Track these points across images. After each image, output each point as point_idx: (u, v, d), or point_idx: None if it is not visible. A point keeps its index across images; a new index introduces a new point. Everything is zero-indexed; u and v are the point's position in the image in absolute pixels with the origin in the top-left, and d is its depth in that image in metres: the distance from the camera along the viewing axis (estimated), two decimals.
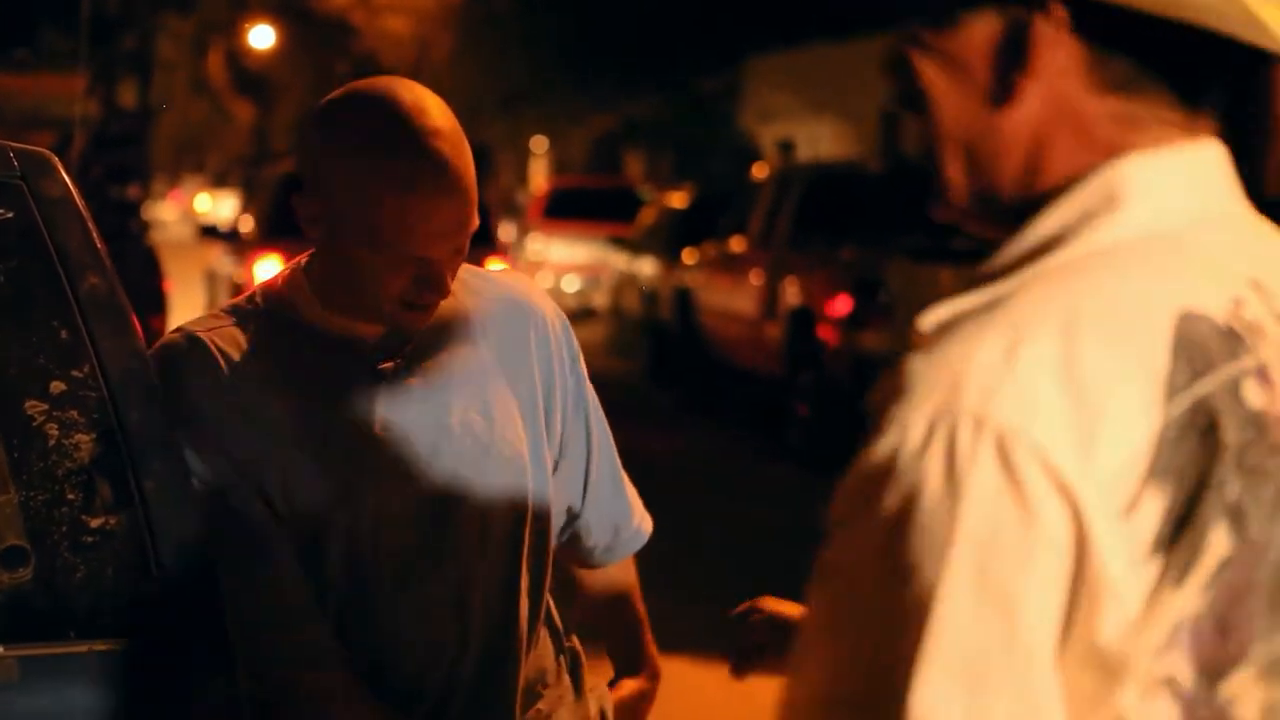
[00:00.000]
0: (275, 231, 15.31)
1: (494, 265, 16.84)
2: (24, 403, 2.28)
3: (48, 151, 2.49)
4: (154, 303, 10.77)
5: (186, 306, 14.03)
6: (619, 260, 21.52)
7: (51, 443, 2.27)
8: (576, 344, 2.56)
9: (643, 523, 2.70)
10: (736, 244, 15.73)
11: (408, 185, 2.23)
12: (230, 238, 18.26)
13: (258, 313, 2.43)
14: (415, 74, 34.21)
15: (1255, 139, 1.42)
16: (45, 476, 2.25)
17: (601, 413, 2.61)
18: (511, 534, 2.43)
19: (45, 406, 2.28)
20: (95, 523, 2.25)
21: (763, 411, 14.43)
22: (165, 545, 2.25)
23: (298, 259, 2.47)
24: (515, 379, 2.46)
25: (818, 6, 24.85)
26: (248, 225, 17.63)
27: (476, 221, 2.28)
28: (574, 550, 2.67)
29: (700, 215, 19.23)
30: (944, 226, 1.36)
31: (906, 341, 1.38)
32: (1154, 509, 1.25)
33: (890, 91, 1.42)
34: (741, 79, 29.23)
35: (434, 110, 2.26)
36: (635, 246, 20.98)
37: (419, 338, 2.40)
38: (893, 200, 14.39)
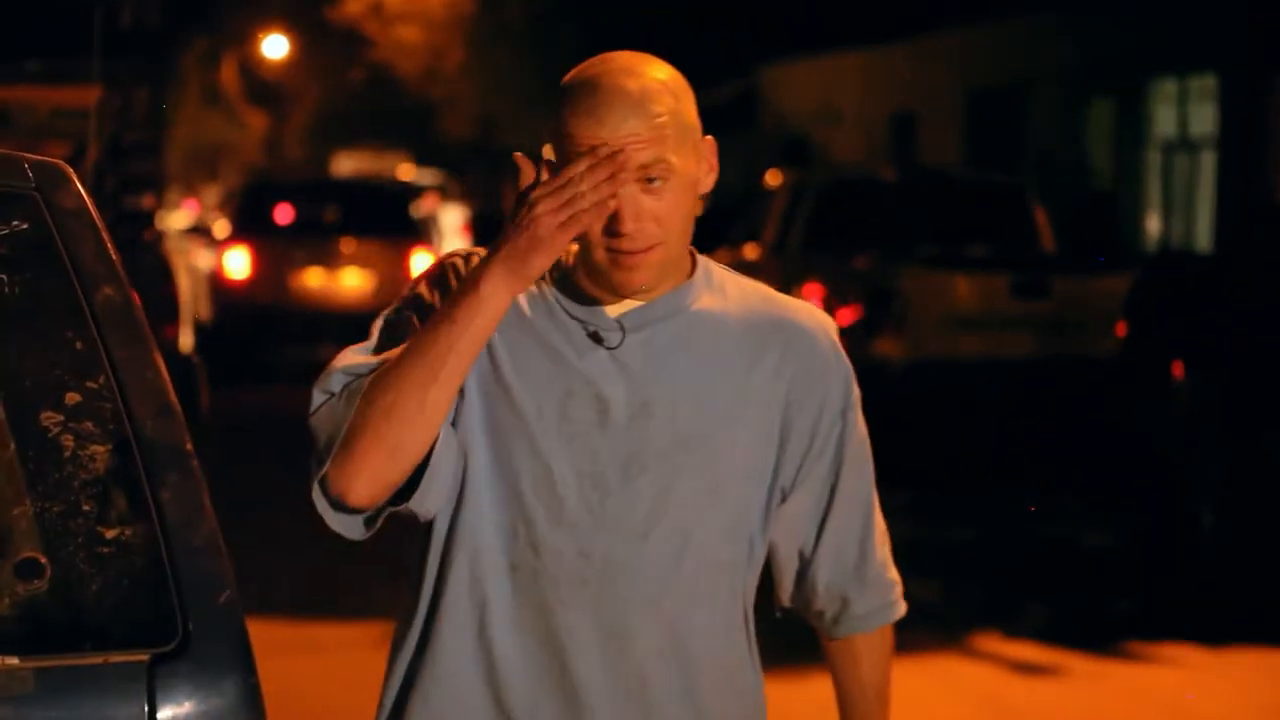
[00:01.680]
0: (241, 229, 18.33)
1: (419, 254, 17.89)
2: (40, 414, 2.28)
3: (63, 163, 2.50)
4: (167, 311, 10.79)
5: None
6: None
7: (67, 454, 2.27)
8: (855, 393, 2.56)
9: (884, 609, 2.62)
10: (750, 251, 15.72)
11: (586, 107, 2.41)
12: (205, 234, 21.95)
13: None
14: (427, 83, 34.16)
15: (1256, 151, 1.40)
16: (61, 488, 2.25)
17: (867, 476, 2.58)
18: (693, 537, 2.46)
19: (61, 418, 2.28)
20: (111, 534, 2.25)
21: None
22: (180, 557, 2.25)
23: None
24: (759, 395, 2.49)
25: (830, 16, 24.82)
26: (222, 226, 20.36)
27: (670, 163, 2.39)
28: (806, 613, 2.64)
29: (713, 222, 19.20)
30: (957, 234, 1.36)
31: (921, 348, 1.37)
32: None
33: None
34: (755, 87, 29.21)
35: (637, 62, 2.44)
36: None
37: (662, 327, 2.47)
38: (907, 208, 14.38)
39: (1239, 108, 17.93)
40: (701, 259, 2.55)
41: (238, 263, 17.96)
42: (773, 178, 17.92)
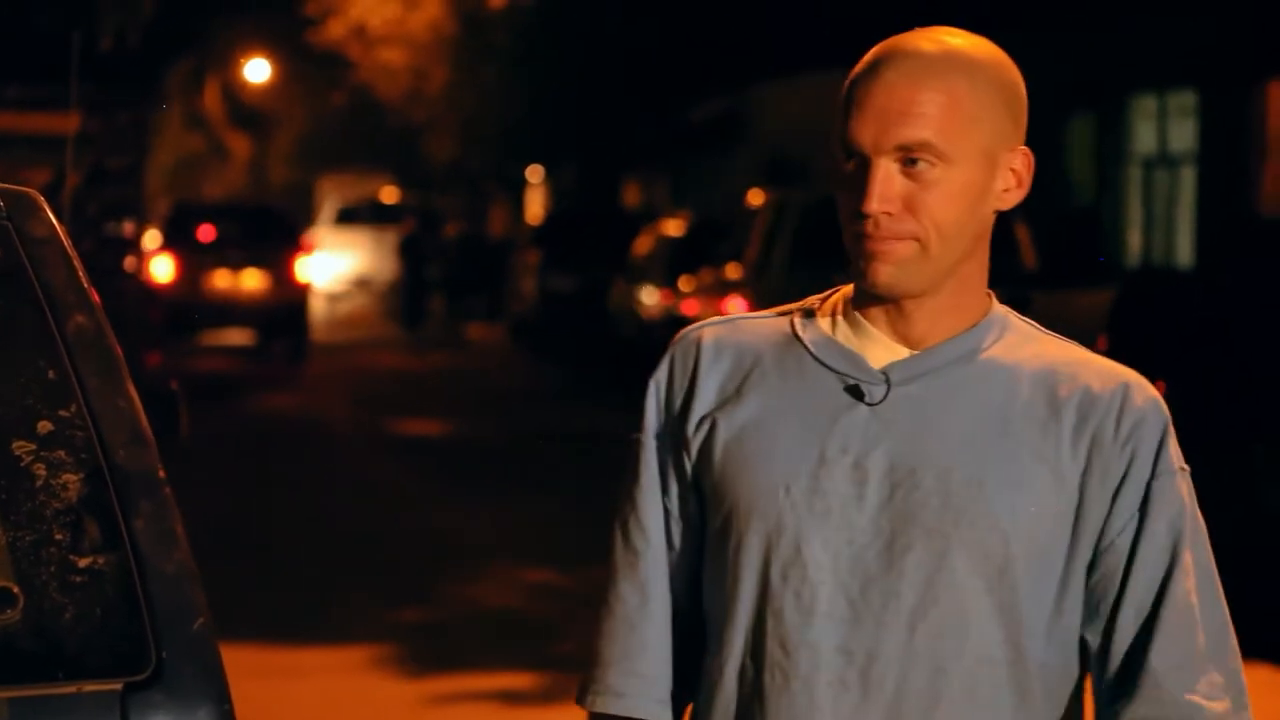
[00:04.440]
0: (168, 243, 24.49)
1: (300, 260, 24.31)
2: (11, 443, 2.28)
3: (34, 191, 2.50)
4: (149, 338, 10.79)
5: None
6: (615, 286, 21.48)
7: (39, 483, 2.27)
8: (1167, 465, 2.16)
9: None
10: (733, 271, 15.73)
11: (870, 61, 2.13)
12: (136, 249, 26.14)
13: (778, 319, 2.26)
14: (411, 105, 34.12)
15: (1236, 167, 1.40)
16: (33, 517, 2.25)
17: (1177, 563, 2.17)
18: (969, 630, 2.11)
19: (33, 446, 2.28)
20: (84, 563, 2.25)
21: None
22: (153, 584, 2.25)
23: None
24: (1049, 463, 2.12)
25: (819, 35, 24.87)
26: (153, 238, 25.85)
27: (936, 148, 2.08)
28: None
29: (697, 242, 19.26)
30: None
31: None
32: None
33: None
34: (742, 107, 29.25)
35: (946, 32, 2.15)
36: (633, 273, 20.99)
37: (937, 378, 2.14)
38: None
39: (1219, 123, 17.98)
40: (1001, 306, 2.20)
41: (163, 268, 23.69)
42: (755, 197, 17.93)
